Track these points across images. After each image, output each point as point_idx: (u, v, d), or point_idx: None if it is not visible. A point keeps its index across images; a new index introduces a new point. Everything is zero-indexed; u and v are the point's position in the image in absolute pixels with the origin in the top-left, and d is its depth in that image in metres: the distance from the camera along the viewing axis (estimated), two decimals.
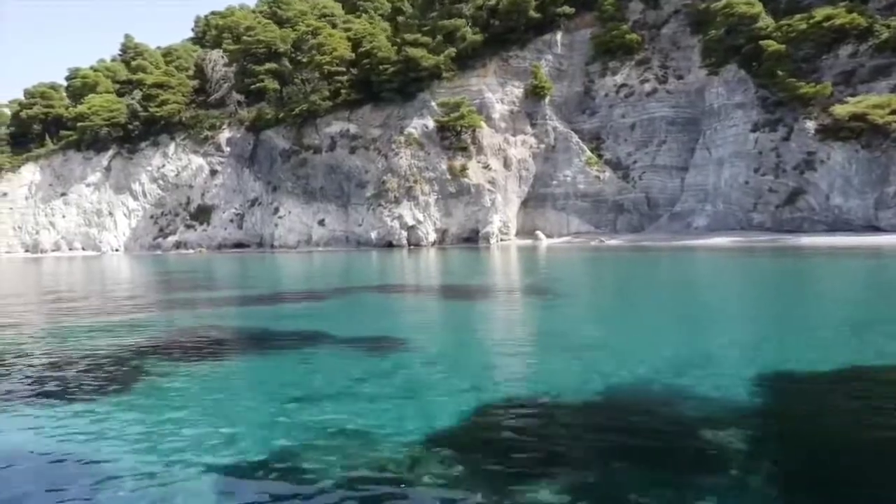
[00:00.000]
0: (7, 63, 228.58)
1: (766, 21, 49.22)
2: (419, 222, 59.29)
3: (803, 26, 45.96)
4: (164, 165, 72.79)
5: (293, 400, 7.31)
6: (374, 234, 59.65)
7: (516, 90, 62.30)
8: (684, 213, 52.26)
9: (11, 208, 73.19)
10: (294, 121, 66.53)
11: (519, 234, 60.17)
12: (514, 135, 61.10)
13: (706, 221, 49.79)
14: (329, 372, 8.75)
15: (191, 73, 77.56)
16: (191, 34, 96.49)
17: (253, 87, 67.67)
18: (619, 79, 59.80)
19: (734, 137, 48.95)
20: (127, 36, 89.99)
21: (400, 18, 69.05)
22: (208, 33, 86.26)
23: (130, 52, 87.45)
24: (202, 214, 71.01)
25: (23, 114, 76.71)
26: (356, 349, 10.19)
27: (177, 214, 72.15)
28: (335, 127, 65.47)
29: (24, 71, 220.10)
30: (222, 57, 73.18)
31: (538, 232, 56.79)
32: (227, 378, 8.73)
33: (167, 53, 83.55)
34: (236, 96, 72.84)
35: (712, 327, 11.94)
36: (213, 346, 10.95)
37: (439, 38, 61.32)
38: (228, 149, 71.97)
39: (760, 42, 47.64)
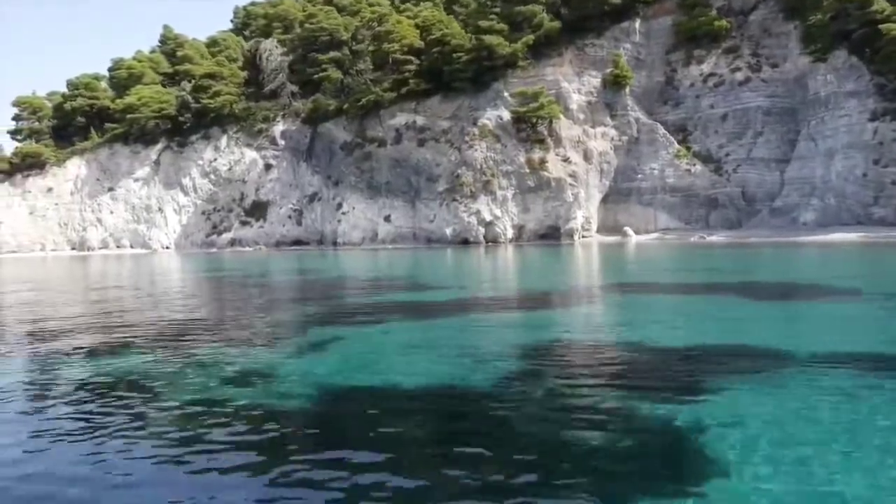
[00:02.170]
0: (39, 57, 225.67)
1: (880, 4, 46.43)
2: (497, 218, 56.49)
3: None
4: (215, 159, 69.90)
5: None
6: (448, 231, 56.82)
7: (593, 80, 59.49)
8: (787, 207, 49.51)
9: (57, 204, 70.27)
10: (356, 112, 63.66)
11: (600, 230, 57.41)
12: (593, 126, 58.29)
13: (814, 216, 47.05)
14: None
15: (240, 63, 74.66)
16: (230, 25, 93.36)
17: (315, 76, 64.69)
18: (705, 68, 57.04)
19: (847, 128, 46.18)
20: (166, 27, 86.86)
21: (457, 7, 66.30)
22: (253, 23, 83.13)
23: (171, 43, 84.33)
24: (257, 210, 68.13)
25: (66, 106, 73.72)
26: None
27: (230, 210, 69.25)
28: (400, 119, 62.59)
29: (53, 65, 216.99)
30: (277, 46, 70.20)
31: (626, 228, 53.97)
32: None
33: (212, 44, 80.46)
34: (290, 87, 69.98)
35: None
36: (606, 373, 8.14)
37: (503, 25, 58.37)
38: (283, 142, 69.09)
39: (879, 26, 44.86)
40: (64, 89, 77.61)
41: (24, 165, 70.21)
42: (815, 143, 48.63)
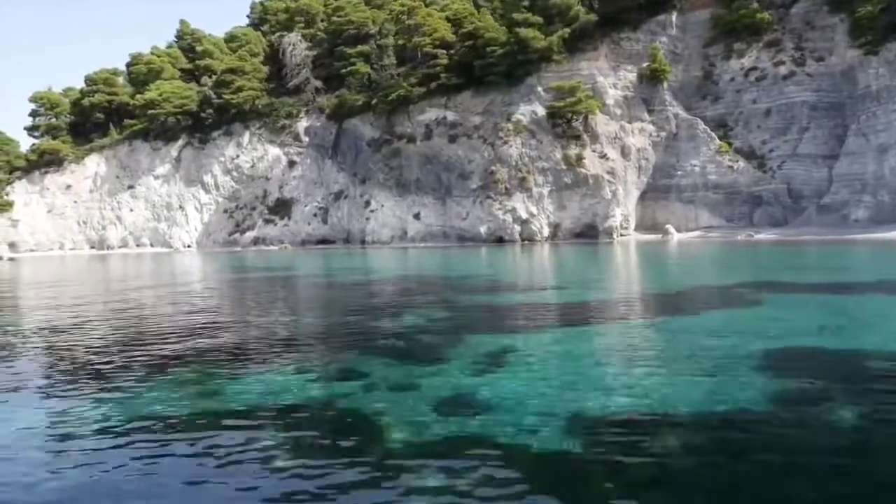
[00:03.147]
0: (49, 55, 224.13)
1: None
2: (532, 216, 55.05)
3: None
4: (237, 156, 68.43)
5: None
6: (483, 229, 55.36)
7: (629, 75, 58.02)
8: (836, 205, 48.01)
9: (76, 202, 68.77)
10: (384, 108, 62.18)
11: (637, 228, 55.97)
12: (629, 122, 56.82)
13: (867, 214, 45.58)
14: None
15: (260, 59, 73.12)
16: (245, 21, 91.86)
17: (343, 70, 63.16)
18: (746, 62, 55.55)
19: None
20: (183, 22, 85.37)
21: (483, 1, 64.73)
22: (271, 19, 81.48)
23: (188, 39, 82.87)
24: (281, 208, 66.65)
25: (84, 101, 72.16)
26: None
27: (253, 208, 67.78)
28: (430, 114, 61.12)
29: (64, 63, 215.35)
30: (300, 41, 68.68)
31: (668, 226, 52.49)
32: None
33: (230, 39, 78.98)
34: (314, 82, 68.51)
35: None
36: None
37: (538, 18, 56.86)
38: (307, 138, 67.66)
39: None
40: (77, 86, 76.27)
41: (42, 162, 68.75)
42: (867, 139, 47.17)
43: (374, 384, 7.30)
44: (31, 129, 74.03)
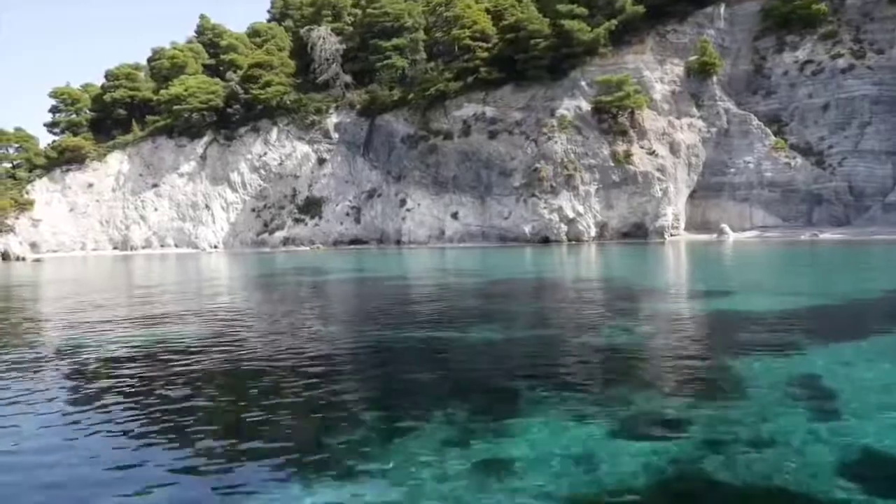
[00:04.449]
0: (62, 52, 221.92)
1: None
2: (579, 215, 53.00)
3: None
4: (265, 154, 66.28)
5: None
6: (527, 228, 53.29)
7: (676, 68, 56.02)
8: None
9: (98, 201, 66.55)
10: (421, 103, 60.12)
11: (687, 228, 53.93)
12: (678, 118, 54.80)
13: None
14: None
15: (286, 53, 70.95)
16: (266, 16, 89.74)
17: (378, 64, 61.03)
18: (800, 55, 53.50)
19: None
20: (203, 16, 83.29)
21: None
22: (294, 13, 79.39)
23: (209, 34, 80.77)
24: (312, 207, 64.50)
25: (106, 97, 69.95)
26: None
27: (282, 207, 65.61)
28: (468, 109, 59.07)
29: (79, 59, 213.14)
30: (330, 34, 66.55)
31: (723, 226, 50.38)
32: None
33: (253, 34, 76.93)
34: (344, 77, 66.39)
35: None
36: None
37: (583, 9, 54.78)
38: (337, 135, 65.54)
39: None
40: (95, 83, 74.02)
41: (62, 160, 66.56)
42: None
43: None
44: (50, 126, 71.87)
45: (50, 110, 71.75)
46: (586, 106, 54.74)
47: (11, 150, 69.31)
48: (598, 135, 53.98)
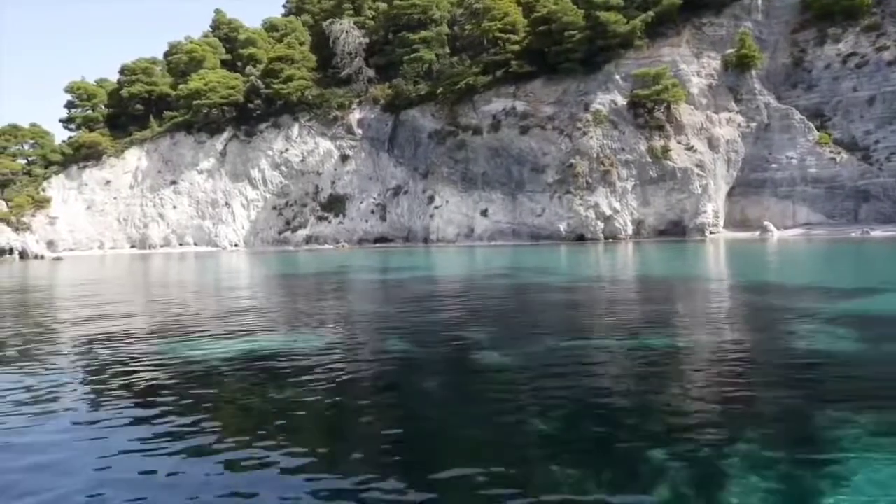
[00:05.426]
0: (75, 48, 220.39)
1: None
2: (616, 212, 51.49)
3: None
4: (286, 150, 64.74)
5: None
6: (562, 226, 51.78)
7: (713, 62, 54.55)
8: None
9: (115, 198, 64.99)
10: (447, 98, 58.61)
11: (725, 225, 52.40)
12: (716, 112, 53.30)
13: None
14: None
15: (305, 47, 69.42)
16: (281, 10, 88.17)
17: (406, 58, 59.48)
18: (843, 47, 51.96)
19: None
20: (218, 11, 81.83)
21: None
22: (312, 7, 77.79)
23: (224, 28, 79.27)
24: (335, 205, 62.97)
25: (123, 92, 68.38)
26: None
27: (304, 205, 64.07)
28: (497, 104, 57.56)
29: (92, 55, 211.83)
30: (353, 27, 65.00)
31: (767, 223, 48.88)
32: None
33: (271, 28, 75.40)
34: (368, 72, 64.86)
35: None
36: None
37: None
38: (360, 130, 64.01)
39: None
40: (108, 77, 72.51)
41: (79, 156, 64.99)
42: None
43: None
44: (66, 122, 70.33)
45: (65, 105, 70.24)
46: (621, 100, 53.26)
47: (27, 147, 67.78)
48: (634, 130, 52.49)
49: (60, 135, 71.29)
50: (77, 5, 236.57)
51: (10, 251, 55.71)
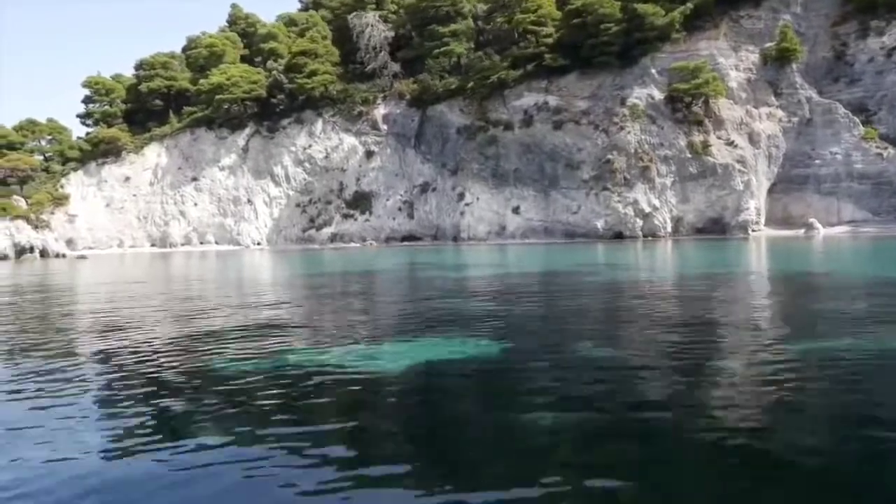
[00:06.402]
0: (86, 45, 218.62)
1: None
2: (655, 209, 50.23)
3: None
4: (310, 146, 63.37)
5: None
6: (599, 224, 50.49)
7: (751, 55, 53.31)
8: None
9: (135, 195, 63.56)
10: (476, 93, 57.29)
11: (767, 222, 51.13)
12: (755, 107, 52.02)
13: None
14: None
15: (327, 42, 67.99)
16: (298, 5, 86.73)
17: (436, 52, 58.14)
18: (887, 40, 50.71)
19: None
20: (234, 6, 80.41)
21: None
22: (331, 2, 76.28)
23: (241, 23, 77.83)
24: (361, 202, 61.62)
25: (141, 87, 66.93)
26: None
27: (328, 202, 62.71)
28: (528, 99, 56.24)
29: (104, 52, 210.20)
30: (378, 21, 63.61)
31: (812, 220, 47.61)
32: None
33: (290, 22, 73.96)
34: (393, 66, 63.48)
35: None
36: None
37: None
38: (386, 126, 62.65)
39: None
40: (124, 73, 71.05)
41: (97, 153, 63.54)
42: None
43: None
44: (84, 117, 68.88)
45: (83, 101, 68.77)
46: (658, 94, 51.99)
47: (44, 143, 66.37)
48: (673, 124, 51.22)
49: (77, 131, 69.88)
50: (88, 2, 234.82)
51: (31, 249, 54.24)
